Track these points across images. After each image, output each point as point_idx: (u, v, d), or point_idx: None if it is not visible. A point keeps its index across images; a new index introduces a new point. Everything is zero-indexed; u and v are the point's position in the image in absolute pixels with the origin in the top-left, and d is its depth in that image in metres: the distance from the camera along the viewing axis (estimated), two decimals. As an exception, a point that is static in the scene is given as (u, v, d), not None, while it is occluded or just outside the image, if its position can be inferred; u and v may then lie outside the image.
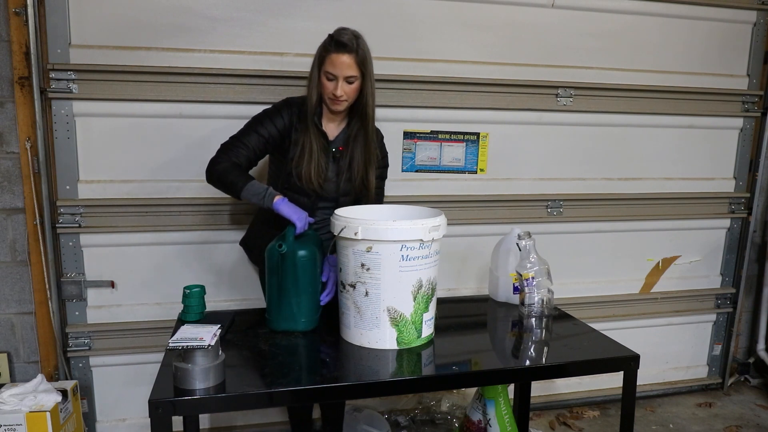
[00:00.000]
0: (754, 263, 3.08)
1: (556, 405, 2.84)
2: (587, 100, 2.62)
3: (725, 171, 2.93)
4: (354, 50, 1.79)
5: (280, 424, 2.52)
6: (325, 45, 1.83)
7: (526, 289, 1.91)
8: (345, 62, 1.79)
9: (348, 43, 1.79)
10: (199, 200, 2.30)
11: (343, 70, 1.79)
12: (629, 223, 2.81)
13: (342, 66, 1.79)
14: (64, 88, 2.13)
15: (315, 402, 2.16)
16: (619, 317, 2.86)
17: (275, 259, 1.70)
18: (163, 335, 2.28)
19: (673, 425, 2.73)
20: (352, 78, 1.81)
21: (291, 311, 1.72)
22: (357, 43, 1.81)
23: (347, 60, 1.79)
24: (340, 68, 1.79)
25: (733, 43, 2.78)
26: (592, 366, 1.70)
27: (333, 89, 1.81)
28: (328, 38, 1.83)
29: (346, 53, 1.79)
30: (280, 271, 1.70)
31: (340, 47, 1.78)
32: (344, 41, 1.79)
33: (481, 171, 2.58)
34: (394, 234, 1.54)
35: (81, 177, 2.22)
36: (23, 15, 2.05)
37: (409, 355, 1.60)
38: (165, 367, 1.44)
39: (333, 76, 1.80)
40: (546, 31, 2.53)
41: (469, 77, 2.46)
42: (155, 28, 2.17)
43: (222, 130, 2.28)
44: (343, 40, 1.79)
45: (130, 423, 2.42)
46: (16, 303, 2.27)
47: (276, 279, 1.71)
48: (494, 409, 2.14)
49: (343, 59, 1.78)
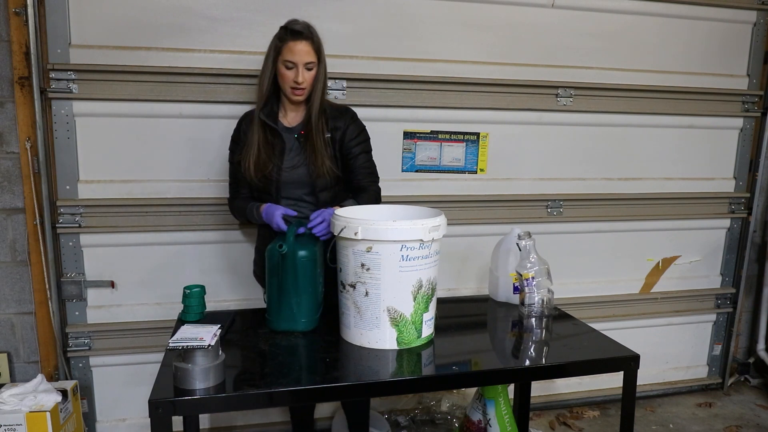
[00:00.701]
0: (754, 263, 3.08)
1: (556, 405, 2.84)
2: (587, 100, 2.62)
3: (725, 171, 2.93)
4: (310, 37, 1.84)
5: (280, 424, 2.52)
6: (279, 36, 1.86)
7: (526, 289, 1.91)
8: (303, 49, 1.82)
9: (303, 31, 1.83)
10: (199, 200, 2.30)
11: (302, 57, 1.82)
12: (629, 223, 2.81)
13: (301, 53, 1.82)
14: (64, 88, 2.13)
15: (315, 402, 2.16)
16: (619, 317, 2.86)
17: (275, 260, 1.71)
18: (163, 335, 2.28)
19: (673, 425, 2.73)
20: (311, 64, 1.85)
21: (291, 311, 1.72)
22: (311, 31, 1.86)
23: (305, 47, 1.82)
24: (299, 55, 1.82)
25: (733, 43, 2.78)
26: (592, 366, 1.69)
27: (294, 77, 1.83)
28: (281, 30, 1.87)
29: (303, 40, 1.82)
30: (280, 271, 1.70)
31: (296, 35, 1.82)
32: (300, 29, 1.83)
33: (481, 171, 2.58)
34: (394, 234, 1.54)
35: (81, 177, 2.22)
36: (23, 15, 2.05)
37: (409, 355, 1.60)
38: (165, 367, 1.44)
39: (292, 64, 1.83)
40: (546, 31, 2.53)
41: (469, 77, 2.46)
42: (155, 28, 2.17)
43: (222, 130, 2.29)
44: (298, 28, 1.83)
45: (130, 423, 2.42)
46: (16, 303, 2.27)
47: (276, 279, 1.71)
48: (494, 409, 2.14)
49: (302, 46, 1.82)
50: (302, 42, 1.82)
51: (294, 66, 1.83)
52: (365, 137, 2.01)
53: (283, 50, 1.83)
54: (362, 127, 2.01)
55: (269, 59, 1.88)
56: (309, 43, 1.83)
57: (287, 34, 1.83)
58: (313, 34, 1.86)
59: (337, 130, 1.94)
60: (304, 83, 1.85)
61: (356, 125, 1.99)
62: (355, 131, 1.97)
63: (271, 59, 1.87)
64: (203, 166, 2.31)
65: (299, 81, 1.83)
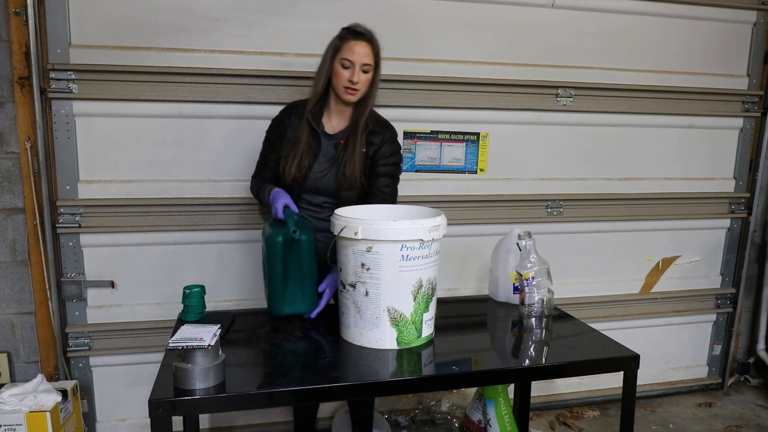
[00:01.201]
0: (754, 263, 3.08)
1: (556, 405, 2.84)
2: (587, 100, 2.63)
3: (725, 171, 2.93)
4: (371, 41, 1.86)
5: (280, 424, 2.52)
6: (341, 35, 1.87)
7: (526, 289, 1.91)
8: (363, 50, 1.83)
9: (366, 33, 1.85)
10: (199, 200, 2.30)
11: (361, 57, 1.83)
12: (629, 223, 2.81)
13: (360, 53, 1.83)
14: (64, 88, 2.13)
15: (315, 402, 2.16)
16: (619, 317, 2.86)
17: (279, 246, 1.74)
18: (163, 335, 2.28)
19: (673, 425, 2.73)
20: (368, 67, 1.85)
21: (297, 295, 1.78)
22: (373, 36, 1.87)
23: (365, 48, 1.84)
24: (358, 55, 1.82)
25: (733, 43, 2.78)
26: (592, 366, 1.69)
27: (349, 76, 1.83)
28: (343, 30, 1.88)
29: (364, 41, 1.84)
30: (286, 256, 1.74)
31: (358, 36, 1.84)
32: (362, 31, 1.85)
33: (481, 171, 2.58)
34: (394, 234, 1.54)
35: (81, 177, 2.22)
36: (23, 15, 2.05)
37: (409, 355, 1.60)
38: (165, 367, 1.44)
39: (350, 63, 1.83)
40: (546, 31, 2.53)
41: (469, 77, 2.46)
42: (155, 28, 2.17)
43: (222, 130, 2.30)
44: (360, 30, 1.85)
45: (130, 423, 2.42)
46: (16, 303, 2.27)
47: (281, 265, 1.75)
48: (494, 409, 2.14)
49: (361, 47, 1.83)
50: (362, 43, 1.83)
51: (351, 65, 1.83)
52: (395, 161, 1.99)
53: (342, 48, 1.84)
54: (396, 151, 2.00)
55: (327, 57, 1.88)
56: (369, 45, 1.84)
57: (349, 34, 1.85)
58: (375, 39, 1.87)
59: (372, 145, 1.93)
60: (359, 84, 1.84)
61: (391, 146, 1.98)
62: (387, 152, 1.96)
63: (329, 57, 1.87)
64: (203, 166, 2.31)
65: (354, 81, 1.83)
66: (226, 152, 2.31)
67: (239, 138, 2.29)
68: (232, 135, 2.30)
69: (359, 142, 1.91)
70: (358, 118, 1.91)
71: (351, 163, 1.90)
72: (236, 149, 2.31)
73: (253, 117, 2.28)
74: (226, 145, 2.30)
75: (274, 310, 1.80)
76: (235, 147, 2.30)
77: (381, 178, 1.95)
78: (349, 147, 1.90)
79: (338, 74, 1.85)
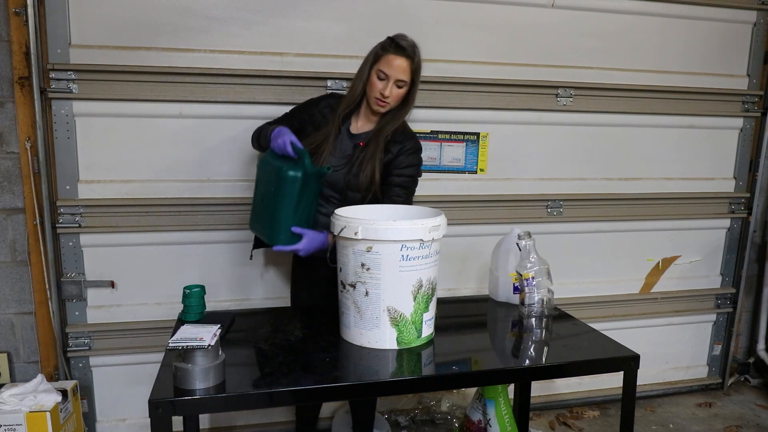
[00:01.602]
0: (754, 263, 3.08)
1: (556, 405, 2.84)
2: (587, 100, 2.62)
3: (725, 171, 2.93)
4: (411, 56, 1.83)
5: (280, 424, 2.52)
6: (383, 45, 1.85)
7: (526, 289, 1.91)
8: (401, 65, 1.82)
9: (408, 48, 1.82)
10: (199, 200, 2.30)
11: (397, 73, 1.82)
12: (629, 223, 2.81)
13: (397, 68, 1.81)
14: (64, 88, 2.13)
15: (315, 402, 2.16)
16: (619, 317, 2.86)
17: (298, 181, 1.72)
18: (163, 335, 2.28)
19: (673, 425, 2.73)
20: (402, 83, 1.84)
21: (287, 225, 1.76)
22: (415, 51, 1.84)
23: (403, 64, 1.82)
24: (395, 70, 1.81)
25: (733, 43, 2.78)
26: (592, 366, 1.69)
27: (382, 89, 1.83)
28: (387, 40, 1.85)
29: (404, 57, 1.82)
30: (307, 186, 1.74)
31: (399, 50, 1.81)
32: (404, 45, 1.82)
33: (481, 171, 2.58)
34: (394, 234, 1.54)
35: (81, 177, 2.22)
36: (23, 15, 2.05)
37: (409, 355, 1.60)
38: (165, 367, 1.44)
39: (385, 75, 1.82)
40: (546, 31, 2.53)
41: (469, 77, 2.46)
42: (155, 28, 2.17)
43: (222, 130, 2.30)
44: (403, 44, 1.82)
45: (130, 423, 2.42)
46: (16, 303, 2.27)
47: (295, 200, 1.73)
48: (494, 409, 2.14)
49: (400, 62, 1.81)
50: (402, 58, 1.81)
51: (386, 78, 1.82)
52: (411, 173, 1.96)
53: (381, 59, 1.83)
54: (414, 163, 1.96)
55: (367, 64, 1.87)
56: (408, 62, 1.83)
57: (391, 46, 1.83)
58: (416, 54, 1.85)
59: (388, 153, 1.92)
60: (390, 98, 1.84)
61: (409, 158, 1.94)
62: (404, 162, 1.93)
63: (368, 65, 1.86)
64: (203, 166, 2.31)
65: (386, 95, 1.83)
66: (226, 152, 2.31)
67: (239, 138, 2.29)
68: (231, 135, 2.30)
69: (379, 149, 1.89)
70: (383, 127, 1.90)
71: (364, 167, 1.88)
72: (236, 149, 2.31)
73: (253, 117, 2.28)
74: (225, 145, 2.30)
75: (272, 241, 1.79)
76: (234, 147, 2.30)
77: (394, 187, 1.93)
78: (367, 151, 1.89)
79: (372, 84, 1.84)
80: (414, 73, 1.85)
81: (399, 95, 1.86)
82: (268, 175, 1.81)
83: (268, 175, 1.81)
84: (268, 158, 1.83)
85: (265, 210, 1.81)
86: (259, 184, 1.87)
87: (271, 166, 1.78)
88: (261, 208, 1.85)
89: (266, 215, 1.81)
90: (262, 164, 1.86)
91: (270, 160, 1.81)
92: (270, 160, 1.81)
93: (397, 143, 1.93)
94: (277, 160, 1.78)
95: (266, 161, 1.83)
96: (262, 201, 1.84)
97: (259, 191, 1.87)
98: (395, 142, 1.93)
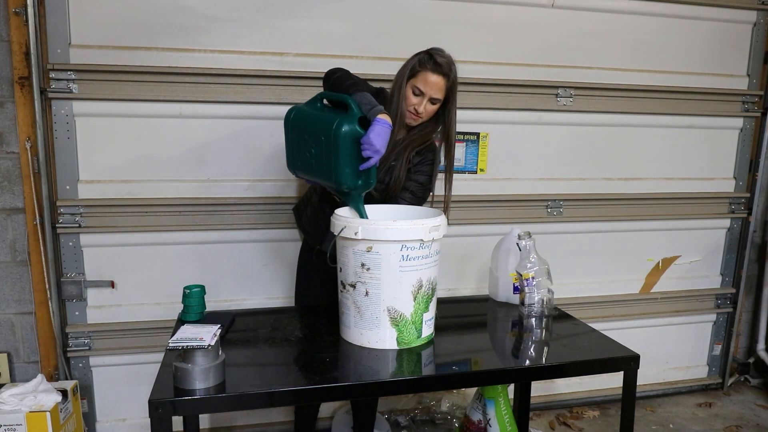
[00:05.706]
0: (754, 263, 3.08)
1: (556, 405, 2.85)
2: (587, 100, 2.63)
3: (725, 171, 2.93)
4: (448, 75, 1.81)
5: (280, 424, 2.52)
6: (420, 60, 1.82)
7: (526, 289, 1.91)
8: (437, 83, 1.80)
9: (444, 66, 1.80)
10: (199, 200, 2.30)
11: (432, 90, 1.80)
12: (629, 223, 2.81)
13: (433, 86, 1.80)
14: (64, 88, 2.13)
15: (315, 402, 2.16)
16: (619, 317, 2.86)
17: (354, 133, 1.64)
18: (163, 335, 2.28)
19: (673, 425, 2.73)
20: (437, 100, 1.83)
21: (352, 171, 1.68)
22: (451, 68, 1.82)
23: (440, 82, 1.80)
24: (431, 88, 1.80)
25: (733, 43, 2.78)
26: (592, 366, 1.69)
27: (416, 104, 1.82)
28: (425, 54, 1.82)
29: (440, 75, 1.80)
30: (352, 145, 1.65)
31: (436, 67, 1.79)
32: (441, 63, 1.80)
33: (481, 171, 2.58)
34: (394, 234, 1.54)
35: (81, 177, 2.22)
36: (23, 15, 2.05)
37: (409, 355, 1.60)
38: (165, 367, 1.44)
39: (420, 92, 1.81)
40: (546, 31, 2.53)
41: (469, 77, 2.45)
42: (155, 28, 2.17)
43: (222, 130, 2.30)
44: (441, 61, 1.80)
45: (130, 423, 2.42)
46: (16, 303, 2.27)
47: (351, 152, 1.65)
48: (494, 409, 2.14)
49: (436, 80, 1.80)
50: (438, 76, 1.79)
51: (421, 95, 1.81)
52: (423, 181, 1.93)
53: (418, 75, 1.80)
54: (428, 173, 1.93)
55: (403, 77, 1.83)
56: (445, 79, 1.80)
57: (429, 62, 1.80)
58: (452, 71, 1.82)
59: (409, 162, 1.91)
60: (423, 114, 1.83)
61: (426, 168, 1.92)
62: (419, 169, 1.92)
63: (405, 78, 1.82)
64: (203, 166, 2.31)
65: (419, 111, 1.82)
66: (226, 152, 2.31)
67: (239, 138, 2.30)
68: (232, 135, 2.30)
69: (403, 158, 1.86)
70: (412, 140, 1.88)
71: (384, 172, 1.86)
72: (236, 149, 2.31)
73: (253, 117, 2.28)
74: (226, 145, 2.30)
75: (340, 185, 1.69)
76: (234, 147, 2.31)
77: (405, 192, 1.92)
78: (389, 157, 1.86)
79: (407, 98, 1.83)
80: (449, 90, 1.83)
81: (432, 111, 1.85)
82: (314, 126, 1.70)
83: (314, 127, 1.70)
84: (311, 111, 1.73)
85: (321, 165, 1.70)
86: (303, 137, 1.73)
87: (319, 120, 1.69)
88: (313, 162, 1.72)
89: (326, 167, 1.69)
90: (303, 118, 1.74)
91: (316, 113, 1.72)
92: (315, 113, 1.72)
93: (418, 154, 1.92)
94: (325, 113, 1.70)
95: (310, 115, 1.73)
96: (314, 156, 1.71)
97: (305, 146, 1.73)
98: (417, 153, 1.92)
